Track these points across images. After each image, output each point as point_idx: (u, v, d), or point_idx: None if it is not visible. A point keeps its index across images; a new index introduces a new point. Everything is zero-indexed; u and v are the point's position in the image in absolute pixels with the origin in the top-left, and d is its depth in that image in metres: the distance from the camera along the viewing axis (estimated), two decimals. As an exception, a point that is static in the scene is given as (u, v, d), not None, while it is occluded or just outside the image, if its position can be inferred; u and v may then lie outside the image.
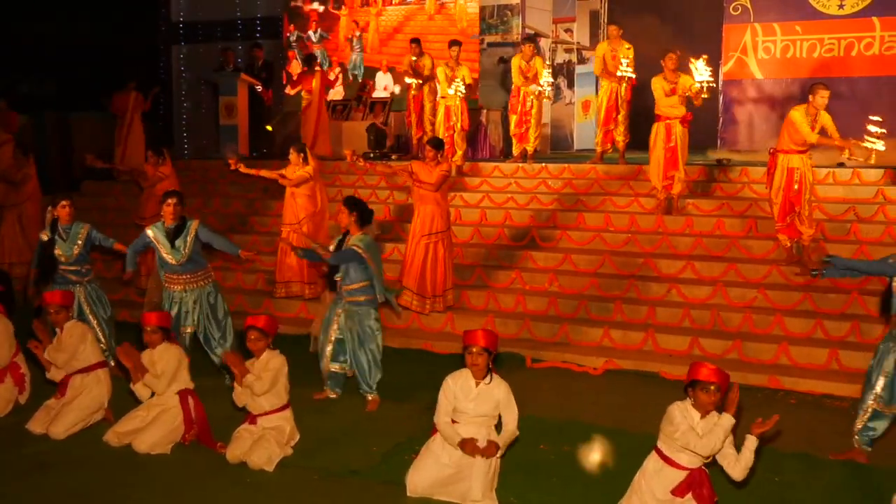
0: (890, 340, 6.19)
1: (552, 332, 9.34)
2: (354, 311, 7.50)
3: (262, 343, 6.40)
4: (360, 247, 7.29)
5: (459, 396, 5.49)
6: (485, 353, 5.46)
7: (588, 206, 11.57)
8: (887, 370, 6.15)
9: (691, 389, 4.89)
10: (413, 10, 17.05)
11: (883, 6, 14.14)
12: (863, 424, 6.30)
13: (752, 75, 15.14)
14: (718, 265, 9.88)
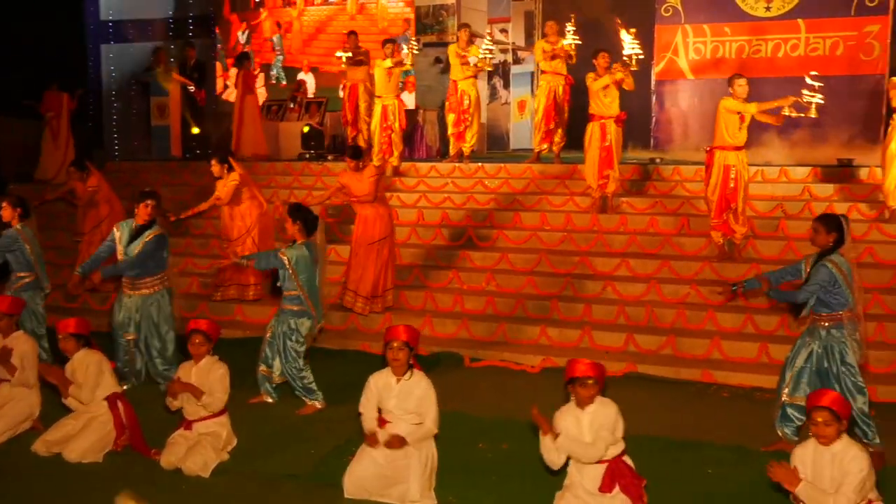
0: (806, 335, 6.37)
1: (490, 331, 9.39)
2: (285, 317, 7.44)
3: (204, 348, 6.30)
4: (288, 259, 7.22)
5: (382, 394, 5.49)
6: (405, 349, 5.45)
7: (524, 206, 11.65)
8: (799, 364, 6.33)
9: (571, 386, 4.96)
10: (335, 10, 17.05)
11: (807, 8, 14.51)
12: (781, 415, 6.46)
13: (683, 75, 15.41)
14: (652, 262, 10.03)
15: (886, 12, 14.15)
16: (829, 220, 6.29)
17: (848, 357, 6.22)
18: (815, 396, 4.55)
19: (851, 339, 6.23)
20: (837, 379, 6.21)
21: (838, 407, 4.42)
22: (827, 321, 6.24)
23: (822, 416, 4.41)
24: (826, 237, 6.20)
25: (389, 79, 12.84)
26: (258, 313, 10.14)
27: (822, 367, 6.27)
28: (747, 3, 14.86)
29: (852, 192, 10.86)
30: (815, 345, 6.31)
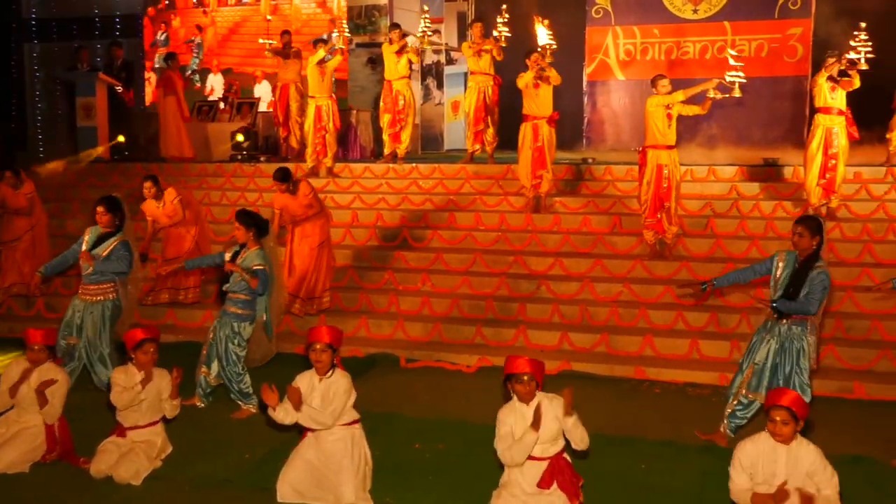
0: (764, 332, 6.47)
1: (425, 332, 9.38)
2: (227, 320, 7.34)
3: (156, 357, 6.16)
4: (262, 265, 7.13)
5: (306, 395, 5.44)
6: (328, 350, 5.42)
7: (459, 206, 11.68)
8: (757, 360, 6.43)
9: (509, 384, 4.99)
10: (248, 11, 16.94)
11: (733, 11, 14.85)
12: (732, 409, 6.57)
13: (614, 76, 15.63)
14: (585, 261, 10.13)
15: (808, 15, 14.54)
16: (813, 223, 6.28)
17: (803, 357, 6.29)
18: (774, 395, 4.60)
19: (810, 337, 6.30)
20: (788, 377, 6.30)
21: (797, 407, 4.48)
22: (790, 319, 6.30)
23: (781, 415, 4.47)
24: (811, 240, 6.20)
25: (323, 79, 12.75)
26: (191, 317, 9.97)
27: (776, 363, 6.36)
28: (675, 5, 15.13)
29: (777, 190, 11.12)
30: (773, 341, 6.38)
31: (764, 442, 4.54)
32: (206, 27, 17.13)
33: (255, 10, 16.69)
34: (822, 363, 8.07)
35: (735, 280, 6.86)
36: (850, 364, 8.16)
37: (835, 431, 6.74)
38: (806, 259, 6.22)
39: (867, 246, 9.61)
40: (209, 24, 17.21)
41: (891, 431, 6.43)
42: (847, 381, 7.87)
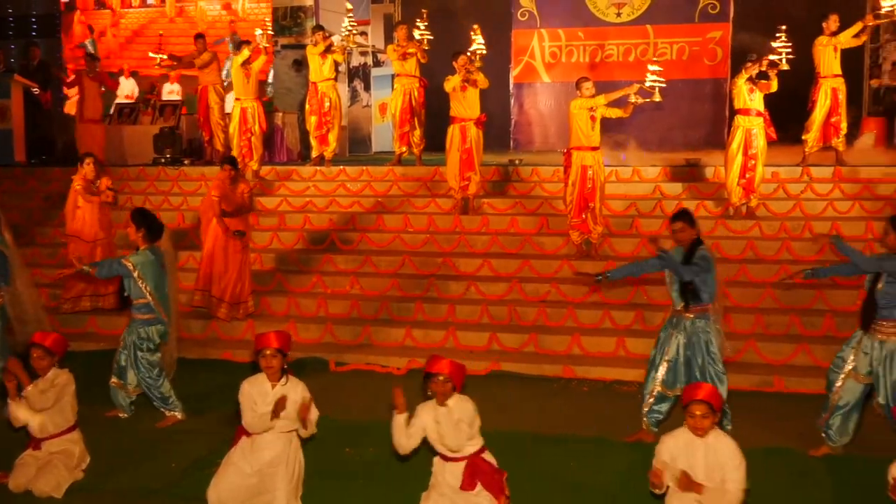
0: (670, 328, 6.61)
1: (355, 335, 9.34)
2: (135, 326, 7.18)
3: (45, 362, 5.97)
4: (132, 265, 6.97)
5: (258, 401, 5.36)
6: (279, 355, 5.36)
7: (387, 208, 11.66)
8: (669, 357, 6.56)
9: (427, 382, 5.01)
10: (153, 13, 16.70)
11: (655, 15, 15.17)
12: (649, 407, 6.69)
13: (540, 78, 15.81)
14: (514, 262, 10.21)
15: (727, 19, 14.93)
16: (687, 216, 6.51)
17: (712, 347, 6.47)
18: (691, 390, 4.70)
19: (715, 328, 6.49)
20: (702, 369, 6.45)
21: (714, 400, 4.59)
22: (692, 312, 6.47)
23: (700, 409, 4.56)
24: (691, 231, 6.42)
25: (248, 80, 12.59)
26: (113, 324, 9.74)
27: (688, 357, 6.50)
28: (599, 8, 15.37)
29: (699, 190, 11.36)
30: (680, 336, 6.52)
31: (682, 436, 4.64)
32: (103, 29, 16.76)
33: (161, 11, 16.43)
34: (742, 358, 8.31)
35: (629, 273, 7.01)
36: (769, 359, 8.37)
37: (755, 424, 6.92)
38: (690, 247, 6.40)
39: (785, 243, 9.88)
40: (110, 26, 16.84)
41: (808, 423, 6.60)
42: (767, 376, 8.07)
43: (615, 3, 15.32)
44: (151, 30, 16.48)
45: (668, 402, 6.68)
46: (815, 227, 10.14)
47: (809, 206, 10.67)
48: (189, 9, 16.04)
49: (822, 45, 11.45)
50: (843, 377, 6.30)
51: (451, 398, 4.98)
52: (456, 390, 5.00)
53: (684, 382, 6.48)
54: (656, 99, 9.42)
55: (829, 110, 11.58)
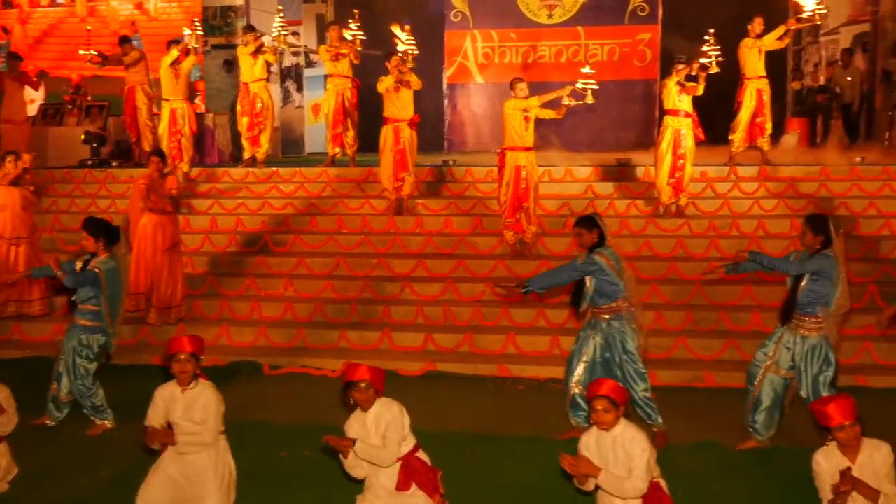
0: (588, 329, 6.70)
1: (289, 338, 9.25)
2: (76, 332, 7.02)
3: None
4: (102, 272, 6.83)
5: (169, 406, 5.27)
6: (192, 360, 5.27)
7: (321, 210, 11.58)
8: (587, 357, 6.65)
9: (348, 391, 4.97)
10: (63, 13, 16.37)
11: (586, 16, 15.36)
12: (571, 405, 6.76)
13: (473, 79, 15.88)
14: (448, 262, 10.23)
15: (656, 21, 15.19)
16: (588, 221, 6.59)
17: (629, 345, 6.58)
18: (594, 386, 4.78)
19: (630, 327, 6.60)
20: (620, 367, 6.56)
21: (615, 394, 4.66)
22: (606, 313, 6.57)
23: (602, 404, 4.64)
24: (590, 236, 6.51)
25: (177, 81, 12.39)
26: (39, 331, 9.52)
27: (606, 357, 6.61)
28: (531, 9, 15.50)
29: (630, 189, 11.52)
30: (597, 337, 6.63)
31: (594, 431, 4.72)
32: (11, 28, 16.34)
33: (71, 11, 16.07)
34: (673, 354, 8.46)
35: (553, 283, 6.94)
36: (700, 354, 8.53)
37: (686, 419, 7.05)
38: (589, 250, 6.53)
39: (713, 241, 10.07)
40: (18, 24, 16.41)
41: (738, 417, 6.74)
42: (697, 371, 8.23)
43: (547, 5, 15.46)
44: (61, 30, 16.06)
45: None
46: (741, 226, 10.37)
47: (736, 205, 10.90)
48: (101, 8, 15.68)
49: (746, 47, 11.72)
50: (763, 371, 6.47)
51: (375, 404, 4.96)
52: (378, 395, 4.98)
53: None
54: (589, 101, 9.52)
55: (755, 111, 11.88)
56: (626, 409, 4.77)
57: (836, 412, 4.36)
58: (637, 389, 6.53)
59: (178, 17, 18.93)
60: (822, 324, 6.28)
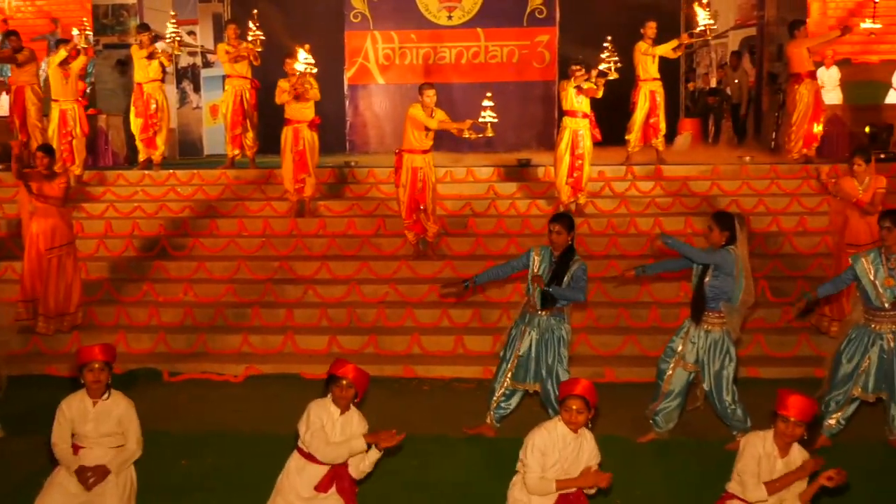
0: (522, 324, 6.75)
1: (189, 343, 9.06)
2: None
3: None
4: None
5: (77, 419, 5.09)
6: (106, 369, 5.11)
7: (220, 212, 11.37)
8: (521, 352, 6.70)
9: (330, 384, 4.94)
10: None
11: (485, 18, 15.49)
12: (497, 403, 6.82)
13: (374, 80, 15.84)
14: (352, 264, 10.17)
15: (554, 24, 15.43)
16: (567, 220, 6.69)
17: (563, 347, 6.66)
18: (568, 385, 4.76)
19: (566, 327, 6.68)
20: (550, 367, 6.62)
21: (590, 395, 4.68)
22: (548, 311, 6.62)
23: (576, 403, 4.62)
24: (567, 236, 6.59)
25: (66, 81, 11.97)
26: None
27: (539, 352, 6.65)
28: (431, 11, 15.55)
29: (531, 189, 11.68)
30: (533, 332, 6.66)
31: (555, 430, 4.70)
32: None
33: None
34: (575, 351, 8.59)
35: (494, 276, 7.12)
36: (600, 351, 8.72)
37: (588, 414, 7.16)
38: (563, 253, 6.58)
39: (612, 240, 10.30)
40: None
41: (637, 411, 6.91)
42: (599, 367, 8.40)
43: (446, 7, 15.53)
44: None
45: (515, 396, 6.85)
46: (639, 224, 10.63)
47: (634, 204, 11.17)
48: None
49: (640, 51, 12.02)
50: (673, 366, 6.64)
51: (351, 409, 4.91)
52: (357, 399, 4.92)
53: (533, 379, 6.67)
54: (489, 134, 9.53)
55: (649, 112, 12.21)
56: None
57: (801, 408, 4.43)
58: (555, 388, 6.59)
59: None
60: (725, 318, 6.48)
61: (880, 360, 6.42)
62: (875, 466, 6.18)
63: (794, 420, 4.42)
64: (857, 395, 6.52)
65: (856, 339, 6.52)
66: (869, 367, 6.44)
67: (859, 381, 6.48)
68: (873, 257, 6.36)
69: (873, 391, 6.49)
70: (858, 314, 6.56)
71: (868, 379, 6.46)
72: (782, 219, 10.62)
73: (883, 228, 6.33)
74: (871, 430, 6.70)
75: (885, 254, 6.33)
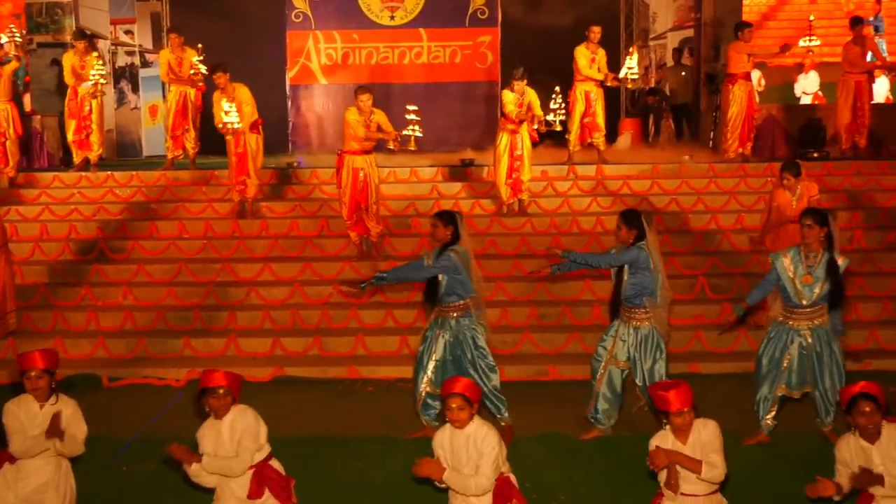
0: (436, 328, 6.75)
1: (129, 348, 8.92)
2: None
3: None
4: None
5: (26, 423, 4.99)
6: (45, 376, 5.01)
7: (160, 214, 11.21)
8: (437, 356, 6.71)
9: (203, 398, 4.85)
10: None
11: (428, 18, 15.50)
12: (421, 404, 6.83)
13: (317, 80, 15.75)
14: (295, 265, 10.11)
15: (496, 24, 15.49)
16: (446, 216, 6.68)
17: (479, 341, 6.69)
18: (448, 384, 4.80)
19: (479, 323, 6.72)
20: (473, 363, 6.65)
21: (470, 392, 4.71)
22: (455, 311, 6.65)
23: (456, 401, 4.67)
24: (444, 231, 6.58)
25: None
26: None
27: (457, 354, 6.69)
28: (373, 11, 15.51)
29: (475, 189, 11.72)
30: (446, 335, 6.70)
31: (448, 429, 4.74)
32: None
33: None
34: (519, 350, 8.67)
35: (396, 279, 7.08)
36: (544, 349, 8.78)
37: (532, 412, 7.22)
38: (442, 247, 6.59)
39: (555, 238, 10.33)
40: None
41: (581, 409, 6.97)
42: (542, 365, 8.47)
43: (388, 7, 15.51)
44: None
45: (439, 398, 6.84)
46: (581, 223, 10.73)
47: (576, 203, 11.28)
48: None
49: (583, 55, 12.07)
50: (605, 365, 6.72)
51: (230, 411, 4.84)
52: (235, 402, 4.87)
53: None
54: (411, 148, 9.54)
55: (584, 111, 12.28)
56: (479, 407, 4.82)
57: (676, 399, 4.52)
58: (489, 384, 6.63)
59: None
60: (651, 314, 6.58)
61: (801, 357, 6.54)
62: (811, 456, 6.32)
63: (686, 410, 4.50)
64: (783, 393, 6.65)
65: (775, 337, 6.63)
66: (791, 365, 6.56)
67: (783, 379, 6.59)
68: (793, 255, 6.47)
69: (797, 388, 6.62)
70: (777, 311, 6.68)
71: (791, 376, 6.57)
72: (720, 217, 10.82)
73: (804, 226, 6.44)
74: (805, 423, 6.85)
75: (804, 251, 6.45)
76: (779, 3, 14.65)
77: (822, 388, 6.54)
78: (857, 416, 4.61)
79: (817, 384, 6.55)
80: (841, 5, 15.00)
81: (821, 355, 6.50)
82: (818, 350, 6.50)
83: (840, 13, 15.07)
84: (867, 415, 4.58)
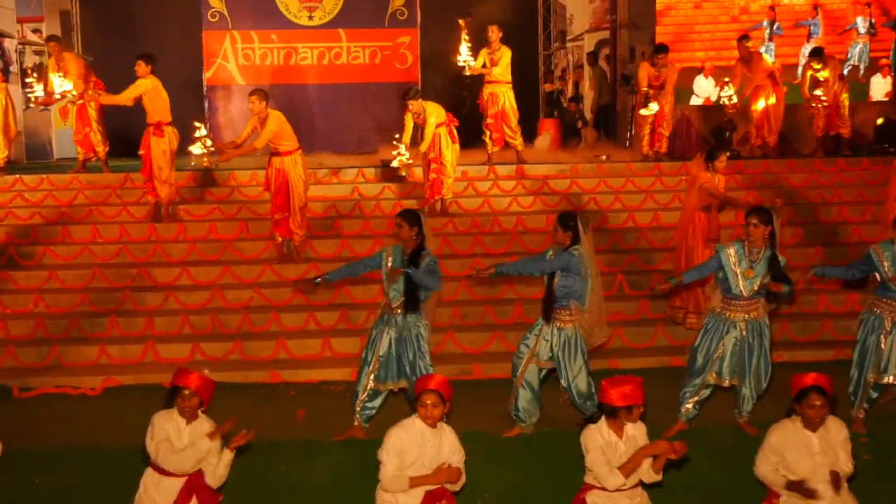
0: (381, 325, 6.77)
1: (41, 356, 8.65)
2: None
3: None
4: None
5: None
6: None
7: (73, 219, 10.91)
8: (381, 353, 6.72)
9: (174, 396, 4.80)
10: None
11: (347, 19, 15.42)
12: (362, 405, 6.81)
13: (234, 81, 15.52)
14: (214, 269, 9.95)
15: (415, 25, 15.50)
16: (411, 216, 6.67)
17: (423, 343, 6.71)
18: (422, 381, 4.79)
19: (424, 322, 6.74)
20: (412, 364, 6.66)
21: (444, 389, 4.71)
22: (401, 308, 6.65)
23: (431, 398, 4.66)
24: (410, 231, 6.57)
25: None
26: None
27: (399, 352, 6.69)
28: (291, 11, 15.37)
29: (397, 190, 11.70)
30: (392, 332, 6.70)
31: (412, 426, 4.71)
32: None
33: None
34: (443, 350, 8.70)
35: (347, 274, 7.10)
36: (467, 348, 8.83)
37: (457, 411, 7.14)
38: (414, 250, 6.61)
39: (477, 238, 10.44)
40: None
41: (504, 407, 7.03)
42: (466, 364, 8.51)
43: (307, 7, 15.37)
44: None
45: (380, 397, 6.86)
46: (502, 222, 10.82)
47: (497, 202, 11.36)
48: None
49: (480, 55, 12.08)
50: (526, 362, 6.81)
51: (200, 417, 4.77)
52: (203, 407, 4.79)
53: (396, 377, 6.72)
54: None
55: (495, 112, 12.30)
56: None
57: (622, 396, 4.54)
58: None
59: None
60: (575, 316, 6.69)
61: (734, 348, 6.73)
62: (726, 446, 6.50)
63: (625, 407, 4.56)
64: (713, 381, 6.82)
65: (712, 328, 6.82)
66: (723, 354, 6.74)
67: (713, 367, 6.77)
68: (737, 249, 6.66)
69: (728, 377, 6.80)
70: (716, 301, 6.87)
71: (722, 365, 6.76)
72: (637, 215, 11.02)
73: (749, 225, 6.62)
74: (724, 414, 7.04)
75: (747, 247, 6.65)
76: (665, 8, 14.89)
77: (748, 380, 6.73)
78: (807, 408, 4.72)
79: (745, 376, 6.74)
80: (727, 10, 15.36)
81: (752, 348, 6.69)
82: (750, 342, 6.69)
83: (725, 17, 15.43)
84: (817, 408, 4.71)
